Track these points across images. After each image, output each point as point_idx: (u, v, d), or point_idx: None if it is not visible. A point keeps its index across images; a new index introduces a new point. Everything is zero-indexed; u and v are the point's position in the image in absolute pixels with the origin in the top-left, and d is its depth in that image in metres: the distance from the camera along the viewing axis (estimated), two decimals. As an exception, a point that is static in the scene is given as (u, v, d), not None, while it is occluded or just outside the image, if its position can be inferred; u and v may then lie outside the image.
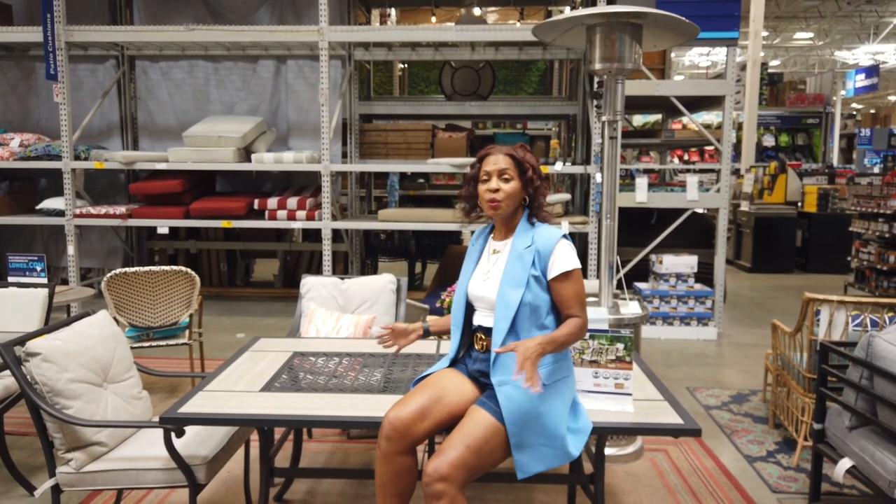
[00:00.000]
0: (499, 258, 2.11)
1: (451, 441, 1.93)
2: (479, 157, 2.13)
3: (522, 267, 2.03)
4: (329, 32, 5.60)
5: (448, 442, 1.93)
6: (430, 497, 1.88)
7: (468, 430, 1.94)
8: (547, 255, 2.03)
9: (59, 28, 5.72)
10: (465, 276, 2.17)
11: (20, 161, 6.03)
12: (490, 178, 2.06)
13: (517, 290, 2.01)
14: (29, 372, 2.20)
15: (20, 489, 2.92)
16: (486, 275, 2.11)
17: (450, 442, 1.92)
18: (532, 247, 2.04)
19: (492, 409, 1.97)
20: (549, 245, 2.03)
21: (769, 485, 3.09)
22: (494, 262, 2.12)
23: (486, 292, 2.09)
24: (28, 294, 3.33)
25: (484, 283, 2.10)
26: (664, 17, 2.98)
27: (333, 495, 2.95)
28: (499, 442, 1.94)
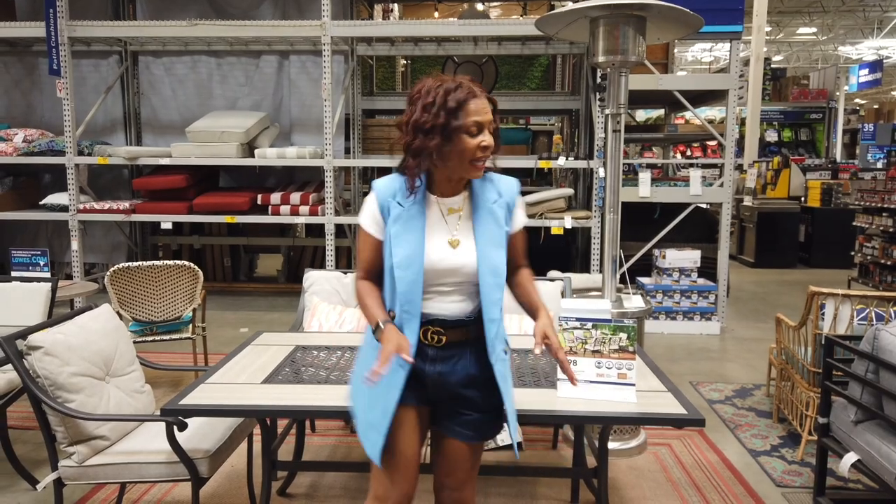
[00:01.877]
0: (459, 218, 1.78)
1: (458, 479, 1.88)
2: (456, 99, 1.65)
3: (496, 224, 1.78)
4: (332, 27, 5.59)
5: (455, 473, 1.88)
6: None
7: (465, 464, 1.87)
8: (513, 206, 1.82)
9: (61, 23, 5.72)
10: (416, 246, 1.71)
11: (24, 156, 6.04)
12: (482, 130, 1.68)
13: (500, 252, 1.77)
14: (31, 366, 2.20)
15: (23, 483, 2.93)
16: (453, 241, 1.75)
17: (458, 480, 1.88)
18: (502, 199, 1.80)
19: (469, 437, 1.85)
20: (514, 196, 1.83)
21: (773, 479, 3.08)
22: (457, 223, 1.77)
23: (459, 262, 1.74)
24: (31, 288, 3.33)
25: (455, 252, 1.74)
26: (668, 8, 2.96)
27: (336, 489, 2.95)
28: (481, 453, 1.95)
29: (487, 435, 1.89)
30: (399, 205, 1.73)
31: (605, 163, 3.36)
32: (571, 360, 2.19)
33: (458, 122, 1.65)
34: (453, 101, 1.65)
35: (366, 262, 1.82)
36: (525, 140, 7.70)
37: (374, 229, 1.78)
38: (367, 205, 1.79)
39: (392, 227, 1.72)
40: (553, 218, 5.58)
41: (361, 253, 1.82)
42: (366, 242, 1.80)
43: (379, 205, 1.75)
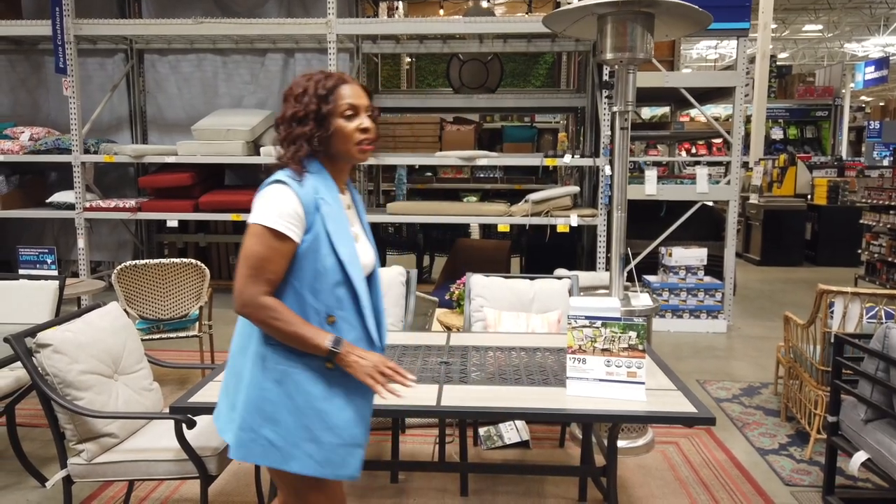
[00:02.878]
0: (353, 214, 1.79)
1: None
2: (325, 86, 1.64)
3: (366, 219, 1.85)
4: (337, 25, 5.59)
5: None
6: None
7: None
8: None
9: (67, 22, 5.72)
10: (352, 242, 1.68)
11: (30, 155, 6.05)
12: (358, 114, 1.67)
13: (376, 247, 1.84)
14: (40, 363, 2.20)
15: (32, 480, 2.93)
16: (357, 236, 1.74)
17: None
18: (360, 198, 1.86)
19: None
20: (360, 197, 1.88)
21: (782, 478, 3.07)
22: (353, 218, 1.77)
23: (368, 257, 1.75)
24: (39, 286, 3.34)
25: (361, 247, 1.74)
26: (676, 5, 2.95)
27: (344, 486, 2.94)
28: None
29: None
30: (325, 201, 1.64)
31: (613, 160, 3.35)
32: (580, 359, 2.19)
33: (329, 106, 1.63)
34: (323, 88, 1.64)
35: (275, 273, 1.59)
36: (530, 138, 7.69)
37: (294, 232, 1.59)
38: (284, 204, 1.58)
39: (329, 225, 1.62)
40: (559, 216, 5.56)
41: (269, 262, 1.57)
42: (279, 249, 1.58)
43: (304, 203, 1.59)
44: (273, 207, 1.58)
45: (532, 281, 3.34)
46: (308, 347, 1.60)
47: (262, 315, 1.58)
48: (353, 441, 1.67)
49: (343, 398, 1.66)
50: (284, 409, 1.62)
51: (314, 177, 1.65)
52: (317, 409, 1.63)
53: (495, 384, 2.28)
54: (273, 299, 1.59)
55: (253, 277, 1.58)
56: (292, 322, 1.58)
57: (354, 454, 1.68)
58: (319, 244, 1.61)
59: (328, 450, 1.64)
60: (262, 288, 1.58)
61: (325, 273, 1.62)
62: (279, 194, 1.59)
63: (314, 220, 1.61)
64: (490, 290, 3.29)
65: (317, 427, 1.63)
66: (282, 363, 1.63)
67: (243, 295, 1.58)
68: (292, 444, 1.62)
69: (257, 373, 1.64)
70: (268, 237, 1.57)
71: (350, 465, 1.67)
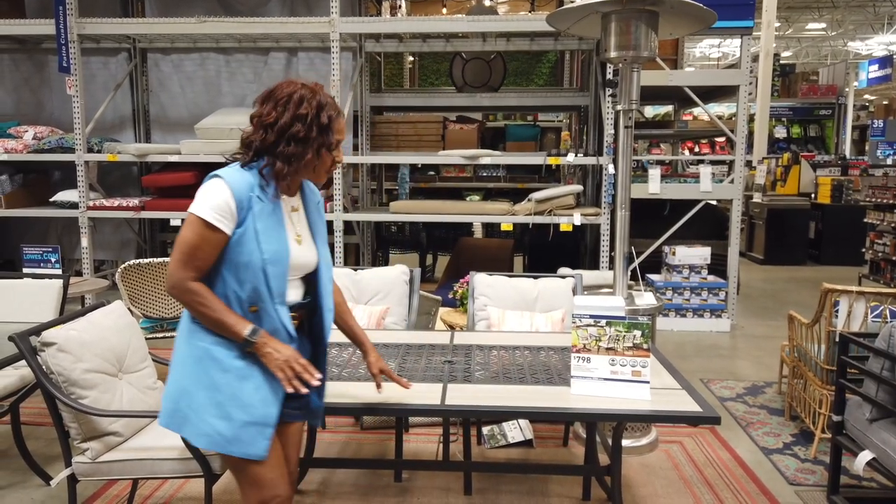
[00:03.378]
0: (300, 217, 1.87)
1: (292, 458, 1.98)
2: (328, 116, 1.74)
3: (322, 222, 1.93)
4: (340, 24, 5.58)
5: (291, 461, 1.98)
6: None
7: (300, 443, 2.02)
8: (322, 206, 1.95)
9: (71, 21, 5.72)
10: (282, 242, 1.76)
11: (34, 153, 6.05)
12: (339, 146, 1.81)
13: (327, 248, 1.91)
14: (45, 362, 2.21)
15: (36, 479, 2.94)
16: (298, 238, 1.83)
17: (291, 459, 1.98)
18: (320, 203, 1.94)
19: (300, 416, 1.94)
20: (321, 201, 1.96)
21: (786, 477, 3.06)
22: (297, 221, 1.85)
23: (306, 258, 1.84)
24: (43, 285, 3.34)
25: (301, 249, 1.82)
26: (681, 3, 2.93)
27: (347, 485, 2.95)
28: None
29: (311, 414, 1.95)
30: (260, 200, 1.72)
31: (617, 159, 3.34)
32: (585, 358, 2.18)
33: (328, 139, 1.75)
34: (326, 117, 1.74)
35: (204, 261, 1.70)
36: (534, 137, 7.68)
37: (224, 224, 1.68)
38: (217, 198, 1.67)
39: (258, 223, 1.71)
40: (562, 215, 5.55)
41: (199, 250, 1.68)
42: (209, 239, 1.68)
43: (237, 199, 1.68)
44: (208, 200, 1.68)
45: (536, 280, 3.33)
46: (228, 333, 1.72)
47: (188, 298, 1.71)
48: (264, 420, 1.73)
49: (259, 379, 1.74)
50: (200, 385, 1.73)
51: (254, 173, 1.75)
52: (231, 387, 1.72)
53: (500, 383, 2.27)
54: (200, 285, 1.71)
55: (183, 263, 1.69)
56: (215, 308, 1.70)
57: (264, 433, 1.73)
58: (247, 239, 1.71)
59: (238, 427, 1.71)
60: (190, 273, 1.70)
61: (249, 266, 1.71)
62: (215, 188, 1.70)
63: (246, 215, 1.70)
64: (494, 288, 3.28)
65: (229, 404, 1.72)
66: (204, 340, 1.75)
67: (173, 278, 1.71)
68: (203, 420, 1.72)
69: (183, 347, 1.79)
70: (200, 227, 1.68)
71: (259, 444, 1.73)
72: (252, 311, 1.73)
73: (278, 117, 1.71)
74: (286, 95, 1.73)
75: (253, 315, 1.74)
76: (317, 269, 1.89)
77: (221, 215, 1.68)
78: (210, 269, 1.72)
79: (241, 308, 1.73)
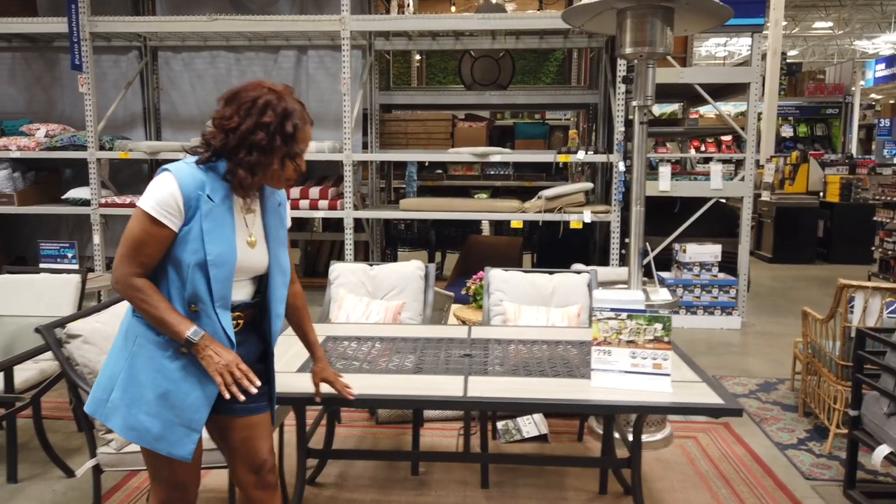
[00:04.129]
0: (254, 219, 1.81)
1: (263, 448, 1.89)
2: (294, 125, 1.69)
3: (282, 225, 1.88)
4: (351, 21, 5.60)
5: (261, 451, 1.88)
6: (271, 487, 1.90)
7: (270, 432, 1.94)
8: (286, 209, 1.91)
9: (83, 19, 5.75)
10: (229, 244, 1.71)
11: (46, 151, 6.09)
12: (302, 154, 1.76)
13: (285, 252, 1.87)
14: (70, 353, 2.23)
15: (56, 471, 2.97)
16: (251, 240, 1.78)
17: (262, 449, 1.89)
18: (283, 205, 1.89)
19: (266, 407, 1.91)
20: (286, 200, 1.92)
21: (802, 472, 3.07)
22: (252, 223, 1.80)
23: (255, 261, 1.80)
24: (62, 280, 3.37)
25: (252, 252, 1.78)
26: (696, 0, 2.95)
27: (365, 479, 2.96)
28: None
29: (272, 402, 1.93)
30: (209, 199, 1.68)
31: (632, 155, 3.35)
32: (605, 351, 2.20)
33: (292, 149, 1.71)
34: (291, 126, 1.68)
35: (149, 257, 1.66)
36: (543, 135, 7.70)
37: (170, 220, 1.64)
38: (163, 192, 1.64)
39: (204, 223, 1.66)
40: (572, 212, 5.56)
41: (144, 246, 1.65)
42: (155, 234, 1.64)
43: (185, 195, 1.64)
44: (154, 195, 1.65)
45: (551, 275, 3.35)
46: (169, 332, 1.68)
47: (131, 294, 1.68)
48: (191, 424, 1.71)
49: (191, 382, 1.71)
50: (133, 379, 1.70)
51: (212, 175, 1.70)
52: (162, 387, 1.70)
53: (519, 376, 2.29)
54: (144, 281, 1.68)
55: (128, 258, 1.67)
56: (158, 306, 1.66)
57: (191, 437, 1.72)
58: (192, 237, 1.66)
59: (166, 426, 1.69)
60: (135, 269, 1.66)
61: (191, 265, 1.67)
62: (163, 183, 1.66)
63: (194, 214, 1.66)
64: (509, 284, 3.30)
65: (159, 403, 1.69)
66: (140, 337, 1.72)
67: (117, 272, 1.68)
68: (132, 415, 1.69)
69: (119, 340, 1.76)
70: (146, 222, 1.64)
71: (185, 446, 1.71)
72: (192, 310, 1.70)
73: (240, 123, 1.65)
74: (250, 100, 1.67)
75: (193, 314, 1.70)
76: (268, 273, 1.85)
77: (167, 211, 1.64)
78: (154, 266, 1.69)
79: (182, 307, 1.70)
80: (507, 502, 2.78)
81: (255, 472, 1.87)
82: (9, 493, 2.83)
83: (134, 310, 1.73)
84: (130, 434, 1.71)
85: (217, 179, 1.70)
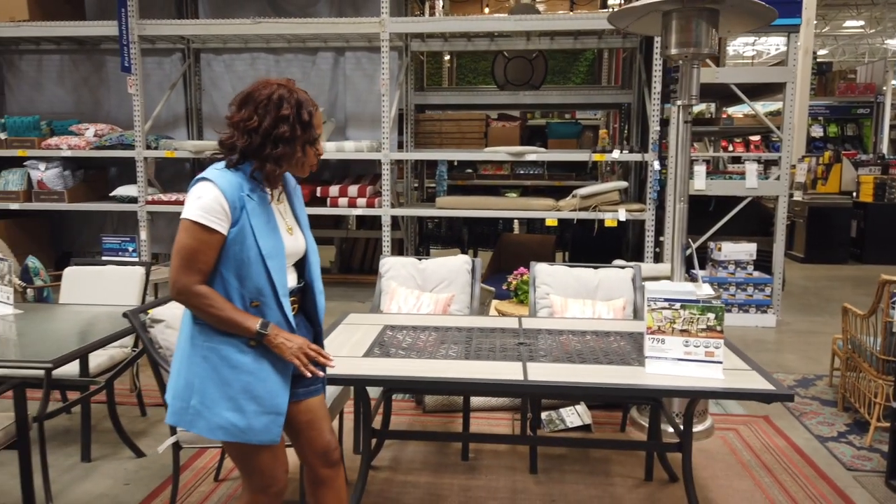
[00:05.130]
0: (285, 208, 1.95)
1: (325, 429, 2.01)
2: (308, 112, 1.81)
3: (302, 209, 2.02)
4: (390, 24, 5.74)
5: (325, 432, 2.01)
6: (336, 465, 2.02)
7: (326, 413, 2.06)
8: (300, 190, 2.03)
9: (132, 22, 5.96)
10: (277, 236, 1.83)
11: (96, 150, 6.31)
12: (318, 139, 1.89)
13: (311, 234, 2.01)
14: (154, 337, 2.38)
15: (126, 451, 3.14)
16: (290, 229, 1.92)
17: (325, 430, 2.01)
18: (297, 187, 2.03)
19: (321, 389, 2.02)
20: (295, 181, 2.03)
21: (843, 463, 3.13)
22: (284, 212, 1.94)
23: (297, 246, 1.93)
24: (127, 271, 3.54)
25: (292, 238, 1.91)
26: (742, 1, 3.03)
27: (417, 462, 3.09)
28: None
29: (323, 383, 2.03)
30: (250, 198, 1.78)
31: (671, 153, 3.44)
32: (659, 339, 2.30)
33: (310, 134, 1.82)
34: (307, 114, 1.80)
35: (205, 264, 1.74)
36: (575, 134, 7.77)
37: (219, 225, 1.73)
38: (209, 200, 1.72)
39: (252, 220, 1.76)
40: (606, 210, 5.64)
41: (198, 254, 1.73)
42: (207, 241, 1.73)
43: (229, 200, 1.74)
44: (200, 203, 1.73)
45: (596, 269, 3.44)
46: (238, 330, 1.77)
47: (196, 302, 1.76)
48: (274, 410, 1.81)
49: (266, 371, 1.81)
50: (210, 382, 1.78)
51: (242, 174, 1.80)
52: (241, 382, 1.78)
53: (575, 363, 2.40)
54: (205, 287, 1.76)
55: (185, 268, 1.74)
56: (223, 308, 1.75)
57: (277, 421, 1.81)
58: (244, 236, 1.76)
59: (251, 417, 1.78)
60: (195, 277, 1.74)
61: (248, 263, 1.77)
62: (206, 191, 1.74)
63: (240, 214, 1.76)
64: (554, 277, 3.40)
65: (241, 398, 1.78)
66: (208, 340, 1.79)
67: (177, 284, 1.75)
68: (216, 414, 1.77)
69: (187, 348, 1.82)
70: (197, 231, 1.72)
71: (272, 430, 1.81)
72: (254, 305, 1.79)
73: (261, 121, 1.75)
74: (265, 98, 1.76)
75: (255, 310, 1.80)
76: (306, 255, 1.97)
77: (215, 216, 1.72)
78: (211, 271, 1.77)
79: (242, 304, 1.79)
80: (555, 487, 2.89)
81: (320, 451, 1.99)
82: (84, 471, 3.00)
83: (194, 317, 1.81)
84: (218, 433, 1.78)
85: (248, 179, 1.80)
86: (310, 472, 2.04)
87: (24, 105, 7.31)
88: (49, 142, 6.28)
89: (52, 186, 6.38)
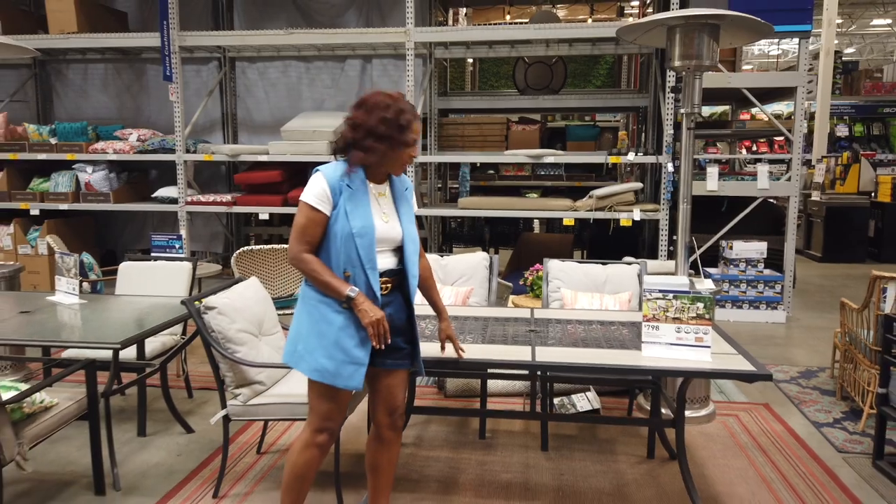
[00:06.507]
0: (386, 200, 2.30)
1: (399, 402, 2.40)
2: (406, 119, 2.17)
3: (409, 206, 2.35)
4: (415, 33, 6.04)
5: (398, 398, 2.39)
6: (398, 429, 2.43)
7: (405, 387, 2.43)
8: (412, 196, 2.40)
9: (173, 34, 6.36)
10: (368, 218, 2.19)
11: (139, 154, 6.72)
12: (414, 144, 2.24)
13: (414, 227, 2.33)
14: (207, 322, 2.71)
15: (178, 427, 3.50)
16: (385, 217, 2.26)
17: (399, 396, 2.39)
18: (409, 189, 2.37)
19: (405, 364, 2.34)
20: (412, 189, 2.41)
21: (835, 446, 3.36)
22: (385, 204, 2.29)
23: (391, 233, 2.26)
24: (175, 266, 3.90)
25: (387, 225, 2.25)
26: (740, 18, 3.28)
27: (438, 440, 3.39)
28: None
29: (414, 363, 2.36)
30: (349, 186, 2.19)
31: (681, 156, 3.69)
32: (654, 326, 2.57)
33: (404, 137, 2.18)
34: (404, 120, 2.18)
35: (312, 237, 2.19)
36: (594, 136, 8.01)
37: (324, 207, 2.17)
38: (317, 186, 2.18)
39: (347, 205, 2.17)
40: (622, 210, 5.89)
41: (307, 229, 2.18)
42: (314, 218, 2.18)
43: (331, 186, 2.17)
44: (312, 189, 2.19)
45: (604, 266, 3.71)
46: (333, 293, 2.18)
47: (303, 266, 2.20)
48: (357, 360, 2.19)
49: (352, 329, 2.19)
50: (312, 332, 2.21)
51: (345, 165, 2.22)
52: (333, 334, 2.18)
53: (579, 347, 2.67)
54: (310, 255, 2.20)
55: (297, 239, 2.21)
56: (323, 273, 2.18)
57: (360, 371, 2.19)
58: (340, 216, 2.18)
59: (339, 365, 2.17)
60: (303, 247, 2.20)
61: (342, 238, 2.17)
62: (317, 181, 2.20)
63: (339, 199, 2.18)
64: (566, 272, 3.68)
65: (331, 347, 2.18)
66: (314, 299, 2.22)
67: (292, 251, 2.22)
68: (314, 359, 2.19)
69: (301, 305, 2.27)
70: (308, 210, 2.19)
71: (355, 378, 2.18)
72: (346, 275, 2.18)
73: (367, 119, 2.17)
74: (374, 102, 2.18)
75: (347, 279, 2.18)
76: (402, 243, 2.30)
77: (321, 200, 2.17)
78: (319, 244, 2.21)
79: (339, 272, 2.18)
80: (564, 462, 3.17)
81: (390, 414, 2.39)
82: (141, 444, 3.36)
83: (306, 280, 2.24)
84: (315, 374, 2.19)
85: (355, 172, 2.21)
86: (376, 430, 2.43)
87: (71, 111, 7.79)
88: (96, 146, 6.71)
89: (99, 188, 6.81)
